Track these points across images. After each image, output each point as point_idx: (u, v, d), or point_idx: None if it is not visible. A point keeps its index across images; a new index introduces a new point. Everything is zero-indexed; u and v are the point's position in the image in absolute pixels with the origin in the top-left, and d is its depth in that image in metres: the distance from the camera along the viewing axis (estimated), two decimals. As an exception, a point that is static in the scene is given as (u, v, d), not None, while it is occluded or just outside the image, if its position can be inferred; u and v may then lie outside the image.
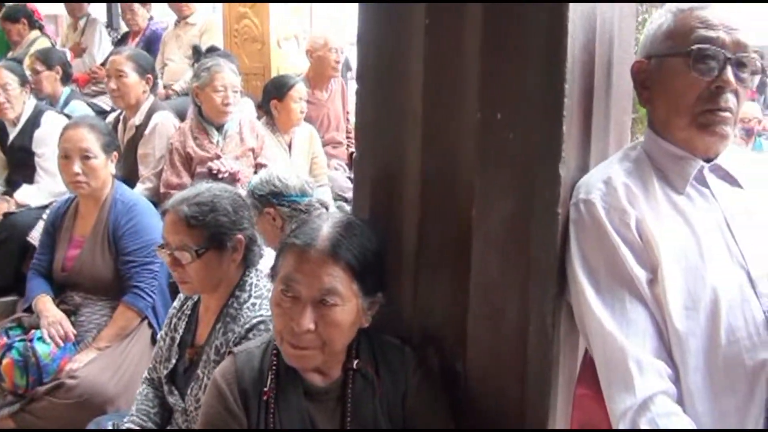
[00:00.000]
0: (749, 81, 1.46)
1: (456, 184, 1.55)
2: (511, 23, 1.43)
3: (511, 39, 1.44)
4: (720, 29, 1.42)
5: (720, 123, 1.43)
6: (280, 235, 2.34)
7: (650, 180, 1.48)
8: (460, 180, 1.54)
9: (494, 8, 1.44)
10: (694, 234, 1.41)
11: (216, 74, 3.60)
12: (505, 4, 1.44)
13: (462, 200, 1.54)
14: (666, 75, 1.47)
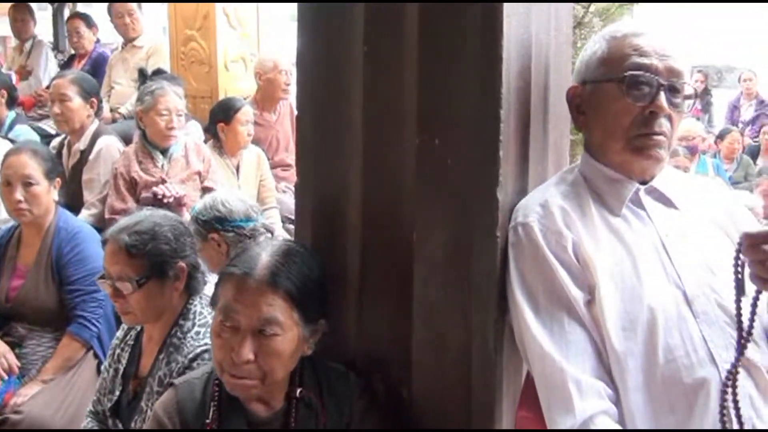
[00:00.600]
0: (683, 106, 1.50)
1: (397, 210, 1.56)
2: (447, 52, 1.45)
3: (448, 66, 1.46)
4: (653, 56, 1.46)
5: (654, 146, 1.47)
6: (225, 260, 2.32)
7: (587, 202, 1.50)
8: (401, 205, 1.55)
9: (430, 36, 1.46)
10: (630, 255, 1.44)
11: (160, 98, 3.56)
12: (441, 32, 1.45)
13: (403, 226, 1.55)
14: (601, 100, 1.50)
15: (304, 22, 1.64)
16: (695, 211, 1.55)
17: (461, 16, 1.43)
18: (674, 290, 1.42)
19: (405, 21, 1.48)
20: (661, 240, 1.47)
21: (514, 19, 1.47)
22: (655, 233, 1.48)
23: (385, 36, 1.52)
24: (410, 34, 1.48)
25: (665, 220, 1.50)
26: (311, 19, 1.63)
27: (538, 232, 1.46)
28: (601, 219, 1.48)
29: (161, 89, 3.61)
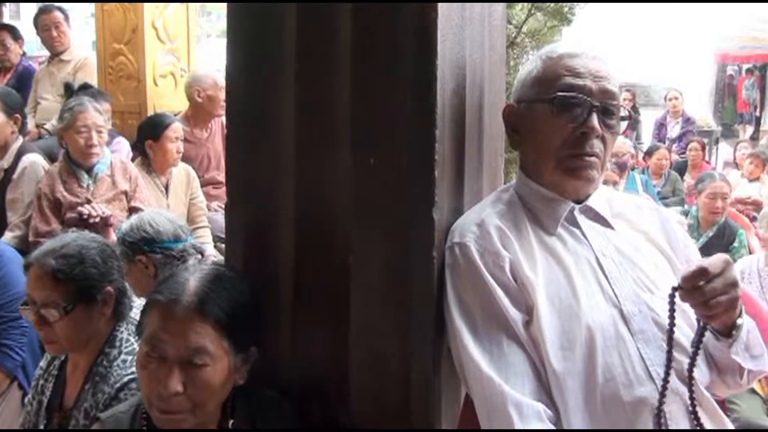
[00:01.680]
0: (617, 127, 1.52)
1: (332, 231, 1.52)
2: (381, 70, 1.43)
3: (382, 85, 1.43)
4: (587, 78, 1.47)
5: (586, 167, 1.47)
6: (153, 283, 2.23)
7: (522, 222, 1.50)
8: (336, 226, 1.51)
9: (364, 55, 1.44)
10: (566, 274, 1.43)
11: (79, 114, 3.44)
12: (375, 51, 1.43)
13: (338, 247, 1.51)
14: (534, 119, 1.50)
15: (234, 37, 1.59)
16: (630, 230, 1.56)
17: (395, 35, 1.41)
18: (611, 309, 1.42)
19: (338, 39, 1.45)
20: (597, 259, 1.47)
21: (449, 38, 1.46)
22: (590, 252, 1.48)
23: (318, 53, 1.48)
24: (343, 53, 1.45)
25: (600, 239, 1.50)
26: (241, 34, 1.58)
27: (475, 253, 1.44)
28: (536, 238, 1.48)
29: (80, 105, 3.49)
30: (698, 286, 1.28)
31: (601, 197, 1.56)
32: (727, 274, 1.29)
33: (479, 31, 1.63)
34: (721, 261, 1.31)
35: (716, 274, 1.28)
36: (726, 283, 1.29)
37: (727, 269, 1.30)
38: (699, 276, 1.28)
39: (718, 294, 1.28)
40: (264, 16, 1.53)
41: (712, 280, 1.28)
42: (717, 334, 1.41)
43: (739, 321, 1.39)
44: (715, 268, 1.29)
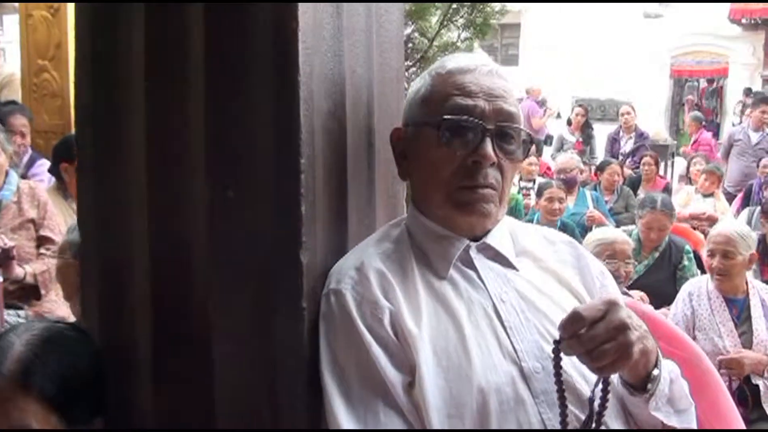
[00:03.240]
0: (518, 153, 1.32)
1: (190, 274, 1.30)
2: (235, 89, 1.22)
3: (238, 109, 1.22)
4: (479, 97, 1.27)
5: (479, 201, 1.28)
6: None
7: (409, 264, 1.29)
8: (194, 269, 1.29)
9: (216, 71, 1.22)
10: (457, 327, 1.23)
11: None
12: (229, 71, 1.22)
13: (198, 293, 1.29)
14: (421, 146, 1.30)
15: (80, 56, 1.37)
16: (537, 270, 1.36)
17: (250, 49, 1.20)
18: (509, 367, 1.21)
19: (189, 52, 1.24)
20: (494, 306, 1.27)
21: (319, 51, 1.26)
22: (487, 298, 1.28)
23: (168, 70, 1.27)
24: (195, 68, 1.24)
25: (500, 282, 1.30)
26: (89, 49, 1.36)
27: (351, 302, 1.23)
28: (424, 284, 1.27)
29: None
30: (577, 335, 1.09)
31: (504, 232, 1.37)
32: (612, 317, 1.10)
33: (364, 44, 1.43)
34: (601, 303, 1.11)
35: (597, 319, 1.09)
36: (610, 328, 1.09)
37: (611, 312, 1.10)
38: (574, 323, 1.09)
39: (601, 342, 1.08)
40: (110, 34, 1.32)
41: (593, 327, 1.08)
42: (630, 387, 1.22)
43: (655, 372, 1.20)
44: (593, 312, 1.10)
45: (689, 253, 4.43)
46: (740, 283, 3.39)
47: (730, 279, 3.36)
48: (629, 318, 1.11)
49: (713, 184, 6.90)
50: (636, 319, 1.14)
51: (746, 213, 5.85)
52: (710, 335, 3.32)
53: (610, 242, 3.58)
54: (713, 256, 3.40)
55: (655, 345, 1.20)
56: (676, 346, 1.83)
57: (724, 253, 3.37)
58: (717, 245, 3.41)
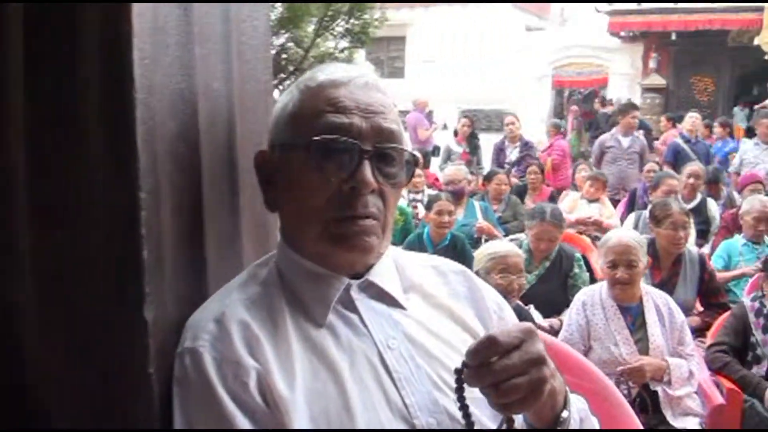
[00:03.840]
0: (400, 176, 1.14)
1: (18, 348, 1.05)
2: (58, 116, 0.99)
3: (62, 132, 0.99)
4: (354, 113, 1.09)
5: (360, 234, 1.09)
6: None
7: (280, 311, 1.10)
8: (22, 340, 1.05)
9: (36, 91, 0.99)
10: (338, 383, 1.04)
11: None
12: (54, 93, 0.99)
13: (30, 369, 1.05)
14: (290, 171, 1.11)
15: None
16: (428, 307, 1.19)
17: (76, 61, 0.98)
18: (399, 424, 1.04)
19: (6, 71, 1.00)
20: (380, 354, 1.09)
21: (161, 62, 1.04)
22: (372, 346, 1.09)
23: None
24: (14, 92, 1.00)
25: (386, 325, 1.12)
26: None
27: (210, 363, 1.02)
28: (298, 334, 1.08)
29: None
30: (488, 363, 0.92)
31: (388, 267, 1.19)
32: (529, 348, 0.94)
33: (222, 53, 1.22)
34: (518, 331, 0.95)
35: (513, 347, 0.93)
36: (525, 359, 0.93)
37: (528, 342, 0.94)
38: (487, 349, 0.92)
39: (514, 374, 0.92)
40: None
41: (507, 356, 0.92)
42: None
43: (564, 414, 1.04)
44: (510, 338, 0.93)
45: (579, 261, 4.44)
46: (637, 290, 3.36)
47: (632, 287, 3.33)
48: (545, 352, 0.96)
49: (598, 189, 7.02)
50: (548, 355, 0.99)
51: (633, 217, 5.94)
52: (606, 344, 3.27)
53: (502, 256, 3.49)
54: (616, 266, 3.33)
55: (563, 384, 1.05)
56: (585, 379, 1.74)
57: (628, 263, 3.32)
58: (620, 255, 3.34)
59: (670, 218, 4.19)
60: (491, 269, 3.45)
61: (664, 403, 3.16)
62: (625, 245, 3.37)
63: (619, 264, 3.32)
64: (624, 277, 3.29)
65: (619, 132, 8.34)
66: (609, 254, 3.38)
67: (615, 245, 3.40)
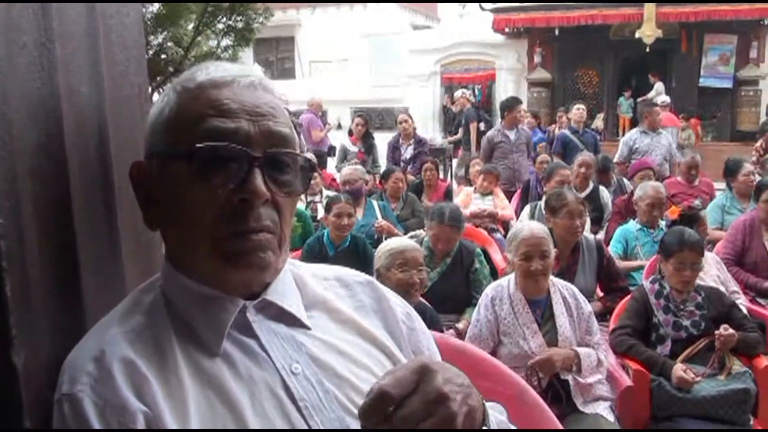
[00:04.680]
0: (296, 184, 1.04)
1: None
2: None
3: None
4: (241, 117, 0.98)
5: (255, 250, 0.98)
6: None
7: (168, 342, 0.97)
8: None
9: None
10: (237, 419, 0.93)
11: None
12: None
13: None
14: (171, 184, 0.98)
15: None
16: (333, 324, 1.09)
17: None
18: None
19: None
20: (283, 382, 0.98)
21: (16, 65, 0.90)
22: (274, 373, 0.99)
23: None
24: None
25: (288, 349, 1.02)
26: None
27: (91, 410, 0.89)
28: (190, 367, 0.96)
29: None
30: (388, 417, 0.83)
31: (288, 283, 1.08)
32: (426, 388, 0.85)
33: (88, 54, 1.08)
34: (411, 372, 0.85)
35: (409, 393, 0.84)
36: (427, 401, 0.84)
37: (425, 381, 0.85)
38: (380, 405, 0.83)
39: (418, 420, 0.83)
40: None
41: (405, 403, 0.83)
42: None
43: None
44: (403, 385, 0.84)
45: (480, 256, 4.45)
46: (547, 282, 3.37)
47: (545, 278, 3.34)
48: (447, 383, 0.87)
49: (491, 183, 7.12)
50: (455, 377, 0.90)
51: (528, 209, 6.03)
52: (515, 338, 3.27)
53: (400, 251, 3.44)
54: (530, 258, 3.32)
55: (480, 400, 0.97)
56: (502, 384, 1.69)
57: (541, 254, 3.32)
58: (534, 247, 3.34)
59: (566, 207, 4.25)
60: (390, 265, 3.40)
61: (575, 391, 3.19)
62: (538, 236, 3.39)
63: (533, 255, 3.32)
64: (539, 268, 3.30)
65: (506, 127, 8.50)
66: (522, 246, 3.37)
67: (528, 237, 3.39)
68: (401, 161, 9.10)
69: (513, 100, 8.95)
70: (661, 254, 3.83)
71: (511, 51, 17.15)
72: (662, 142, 8.28)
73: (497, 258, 5.40)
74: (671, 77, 16.33)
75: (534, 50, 16.59)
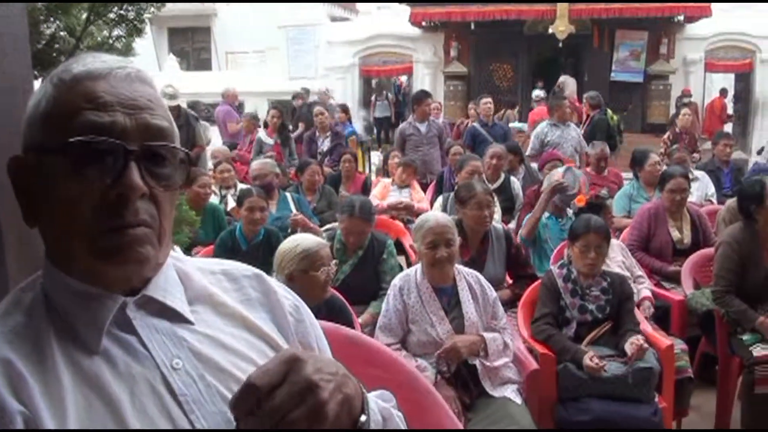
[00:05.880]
0: (175, 177, 1.04)
1: None
2: None
3: None
4: (116, 110, 0.97)
5: (132, 245, 0.98)
6: None
7: (47, 341, 0.96)
8: None
9: None
10: (117, 418, 0.93)
11: None
12: None
13: None
14: (48, 179, 0.97)
15: None
16: (219, 318, 1.10)
17: None
18: None
19: None
20: (164, 378, 0.99)
21: None
22: (154, 369, 0.99)
23: None
24: None
25: (169, 344, 1.02)
26: None
27: None
28: (69, 366, 0.95)
29: None
30: (257, 409, 0.86)
31: (170, 278, 1.08)
32: (294, 378, 0.88)
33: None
34: (279, 363, 0.90)
35: (277, 384, 0.87)
36: (294, 392, 0.87)
37: (293, 371, 0.89)
38: (247, 397, 0.87)
39: (287, 410, 0.86)
40: None
41: (273, 395, 0.87)
42: None
43: (362, 418, 0.99)
44: (270, 377, 0.88)
45: (390, 247, 4.50)
46: (452, 270, 3.46)
47: (451, 266, 3.42)
48: (317, 372, 0.90)
49: (409, 175, 7.20)
50: (328, 366, 0.93)
51: (441, 200, 6.12)
52: (423, 326, 3.34)
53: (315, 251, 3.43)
54: (436, 246, 3.40)
55: (357, 388, 0.99)
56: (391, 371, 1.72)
57: (446, 242, 3.41)
58: (439, 235, 3.43)
59: (474, 198, 4.34)
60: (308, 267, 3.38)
61: (483, 374, 3.29)
62: (443, 225, 3.48)
63: (439, 243, 3.41)
64: (443, 255, 3.38)
65: (417, 119, 8.62)
66: (428, 235, 3.46)
67: (434, 226, 3.48)
68: (318, 154, 9.09)
69: (422, 93, 9.08)
70: (569, 239, 3.99)
71: (428, 44, 17.32)
72: (572, 134, 8.53)
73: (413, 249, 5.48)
74: (584, 71, 16.81)
75: (450, 44, 16.78)
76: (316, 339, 1.21)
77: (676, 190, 5.19)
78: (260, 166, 6.34)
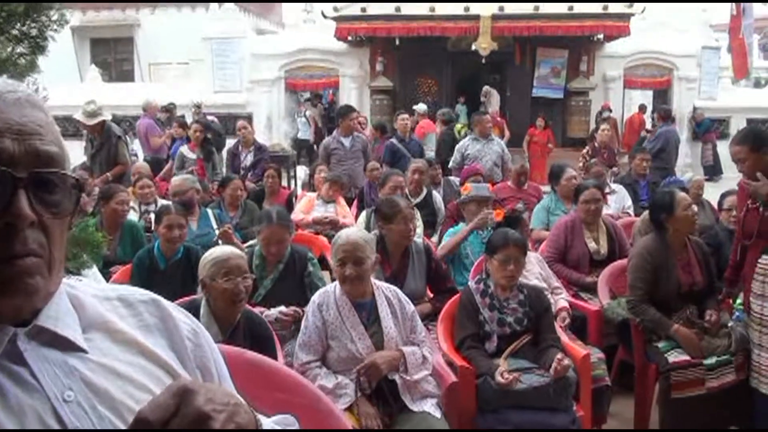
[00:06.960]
0: (65, 204, 1.01)
1: None
2: None
3: None
4: (5, 136, 0.95)
5: (22, 276, 0.95)
6: None
7: None
8: None
9: None
10: None
11: None
12: None
13: None
14: None
15: None
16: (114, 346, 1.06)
17: None
18: None
19: None
20: (54, 411, 0.95)
21: None
22: (44, 401, 0.95)
23: None
24: None
25: (61, 375, 0.99)
26: None
27: None
28: None
29: None
30: None
31: (62, 306, 1.05)
32: (186, 411, 0.87)
33: None
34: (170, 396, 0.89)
35: (168, 418, 0.86)
36: (186, 424, 0.87)
37: (185, 403, 0.88)
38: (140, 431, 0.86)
39: None
40: None
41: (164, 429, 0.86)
42: None
43: None
44: (161, 411, 0.87)
45: (313, 260, 4.47)
46: (368, 286, 3.47)
47: (362, 283, 3.42)
48: (209, 403, 0.89)
49: (336, 191, 7.21)
50: (220, 396, 0.92)
51: (364, 215, 6.14)
52: (343, 342, 3.34)
53: (223, 260, 3.41)
54: (344, 264, 3.41)
55: (251, 416, 0.98)
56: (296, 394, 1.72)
57: (355, 260, 3.41)
58: (347, 253, 3.43)
59: (400, 214, 4.37)
60: (215, 274, 3.37)
61: (403, 389, 3.31)
62: (352, 243, 3.47)
63: (347, 261, 3.41)
64: (352, 273, 3.39)
65: (341, 134, 8.66)
66: (338, 252, 3.47)
67: (343, 243, 3.49)
68: (241, 168, 8.99)
69: (347, 108, 9.14)
70: (486, 252, 4.05)
71: (354, 59, 17.38)
72: (493, 149, 8.71)
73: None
74: (506, 87, 17.18)
75: (376, 59, 16.88)
76: (215, 364, 1.20)
77: (590, 200, 5.36)
78: (180, 182, 6.22)
